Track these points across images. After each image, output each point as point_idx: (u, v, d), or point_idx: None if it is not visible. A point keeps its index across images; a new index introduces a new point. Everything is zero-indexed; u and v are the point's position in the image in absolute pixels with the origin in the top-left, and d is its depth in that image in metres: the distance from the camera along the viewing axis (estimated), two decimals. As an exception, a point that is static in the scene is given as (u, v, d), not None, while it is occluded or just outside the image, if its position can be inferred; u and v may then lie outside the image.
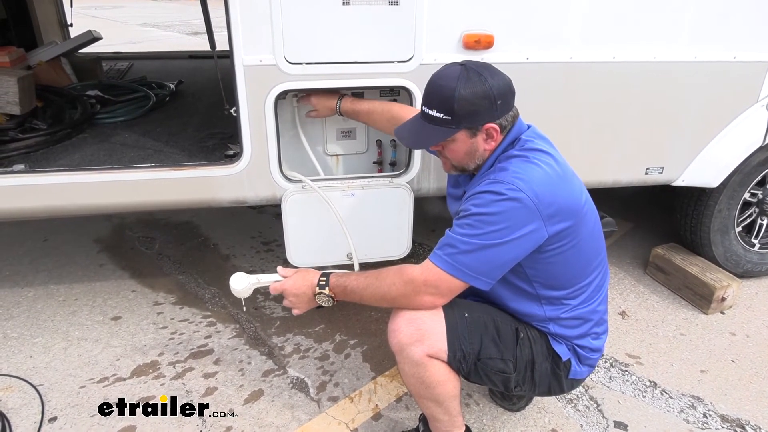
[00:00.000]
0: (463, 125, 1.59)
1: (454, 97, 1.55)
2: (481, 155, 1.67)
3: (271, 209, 3.89)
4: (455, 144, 1.64)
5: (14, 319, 2.72)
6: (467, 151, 1.65)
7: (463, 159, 1.68)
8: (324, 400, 2.28)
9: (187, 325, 2.71)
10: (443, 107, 1.58)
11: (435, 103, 1.60)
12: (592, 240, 1.69)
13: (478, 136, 1.62)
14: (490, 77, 1.56)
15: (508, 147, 1.65)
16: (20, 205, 2.23)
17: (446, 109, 1.57)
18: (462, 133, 1.61)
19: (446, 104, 1.57)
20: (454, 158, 1.70)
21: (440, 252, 1.57)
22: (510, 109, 1.62)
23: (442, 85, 1.58)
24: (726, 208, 2.90)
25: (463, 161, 1.69)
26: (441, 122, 1.60)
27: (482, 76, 1.55)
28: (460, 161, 1.70)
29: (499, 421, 2.19)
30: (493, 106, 1.57)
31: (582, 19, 2.27)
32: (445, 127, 1.60)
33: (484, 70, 1.57)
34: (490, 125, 1.59)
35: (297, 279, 1.78)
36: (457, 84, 1.55)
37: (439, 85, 1.59)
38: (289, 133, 2.35)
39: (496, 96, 1.56)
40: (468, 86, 1.54)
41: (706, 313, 2.87)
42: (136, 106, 3.18)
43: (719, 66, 2.46)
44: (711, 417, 2.23)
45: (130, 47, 9.17)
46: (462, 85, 1.54)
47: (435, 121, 1.61)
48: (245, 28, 2.02)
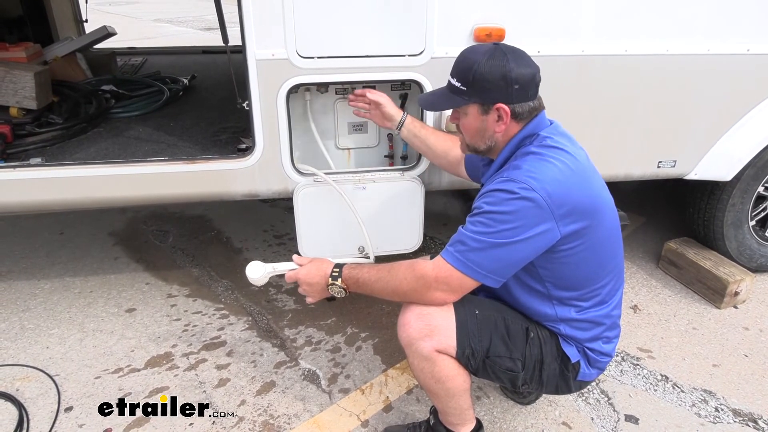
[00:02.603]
0: (475, 98, 1.60)
1: (473, 69, 1.57)
2: (491, 137, 1.66)
3: (283, 203, 3.91)
4: (467, 119, 1.67)
5: (31, 310, 2.76)
6: (478, 128, 1.66)
7: (474, 137, 1.69)
8: (335, 392, 2.30)
9: (200, 317, 2.74)
10: (462, 77, 1.61)
11: (455, 71, 1.64)
12: (609, 242, 1.67)
13: (489, 114, 1.61)
14: (514, 62, 1.56)
15: (524, 141, 1.64)
16: (37, 198, 2.26)
17: (464, 79, 1.60)
18: (474, 107, 1.63)
19: (465, 74, 1.59)
20: (467, 134, 1.71)
21: (452, 249, 1.57)
22: (527, 99, 1.61)
23: (467, 57, 1.61)
24: (739, 202, 2.88)
25: (474, 139, 1.70)
26: (457, 91, 1.63)
27: (507, 58, 1.56)
28: (471, 139, 1.71)
29: (510, 414, 2.20)
30: (509, 89, 1.57)
31: (594, 12, 2.25)
32: (459, 97, 1.63)
33: (512, 53, 1.58)
34: (501, 105, 1.59)
35: (311, 268, 1.80)
36: (480, 58, 1.57)
37: (464, 57, 1.62)
38: (301, 127, 2.37)
39: (513, 79, 1.56)
40: (489, 63, 1.56)
41: (719, 308, 2.85)
42: (150, 100, 3.21)
43: (733, 59, 2.44)
44: (723, 411, 2.22)
45: (144, 43, 9.21)
46: (484, 61, 1.56)
47: (453, 89, 1.65)
48: (257, 23, 2.03)
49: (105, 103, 3.05)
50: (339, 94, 2.33)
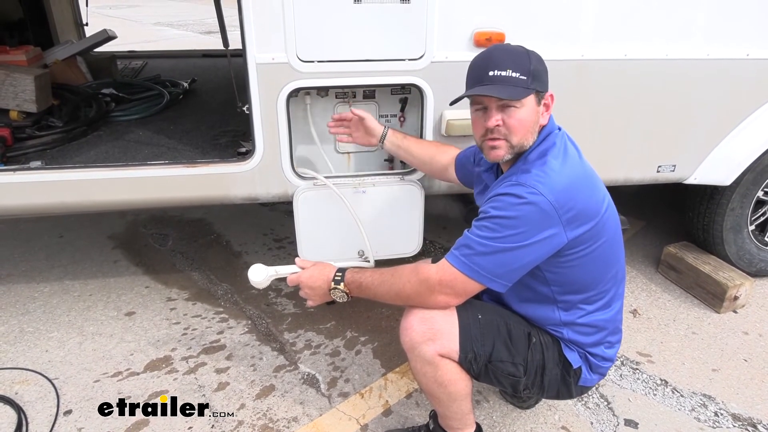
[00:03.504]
0: (534, 86, 1.55)
1: (530, 57, 1.55)
2: (538, 129, 1.62)
3: (282, 207, 3.91)
4: (523, 111, 1.56)
5: (30, 314, 2.76)
6: (534, 121, 1.59)
7: (528, 132, 1.58)
8: (335, 395, 2.29)
9: (199, 320, 2.74)
10: (519, 66, 1.53)
11: (509, 63, 1.53)
12: (612, 246, 1.67)
13: (541, 104, 1.60)
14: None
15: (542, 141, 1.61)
16: (37, 201, 2.26)
17: (522, 69, 1.52)
18: (532, 98, 1.56)
19: (522, 64, 1.53)
20: (520, 131, 1.57)
21: (457, 252, 1.57)
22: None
23: (512, 50, 1.57)
24: (739, 207, 2.88)
25: (526, 135, 1.58)
26: (517, 82, 1.52)
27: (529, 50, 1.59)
28: (524, 134, 1.58)
29: (509, 418, 2.20)
30: (546, 76, 1.61)
31: (594, 17, 2.26)
32: (521, 87, 1.53)
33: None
34: (550, 93, 1.61)
35: (313, 272, 1.79)
36: (524, 50, 1.57)
37: (508, 50, 1.57)
38: (301, 131, 2.37)
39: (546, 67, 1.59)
40: (532, 53, 1.57)
41: (719, 312, 2.85)
42: (151, 104, 3.22)
43: (732, 63, 2.44)
44: (722, 416, 2.22)
45: (144, 46, 9.23)
46: (528, 51, 1.57)
47: (510, 82, 1.53)
48: (258, 27, 2.04)
49: (105, 106, 3.05)
50: (339, 98, 2.34)
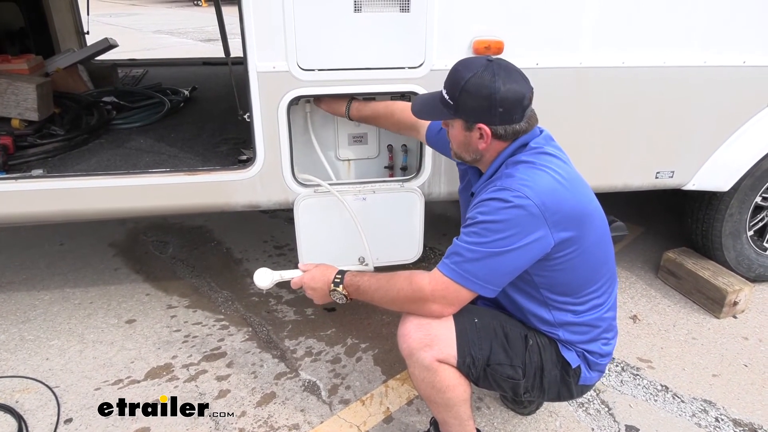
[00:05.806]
0: (459, 114, 1.62)
1: (460, 85, 1.57)
2: (475, 151, 1.67)
3: (283, 214, 3.91)
4: (453, 129, 1.69)
5: (31, 321, 2.76)
6: (462, 141, 1.68)
7: (460, 147, 1.72)
8: (335, 402, 2.30)
9: (200, 328, 2.74)
10: (450, 91, 1.62)
11: (446, 84, 1.64)
12: (600, 247, 1.68)
13: (472, 131, 1.63)
14: (502, 82, 1.53)
15: (516, 151, 1.64)
16: (38, 209, 2.27)
17: (451, 94, 1.61)
18: (459, 121, 1.65)
19: (453, 89, 1.60)
20: (453, 143, 1.74)
21: (447, 261, 1.59)
22: (512, 122, 1.59)
23: (459, 71, 1.60)
24: (737, 212, 2.89)
25: (460, 150, 1.72)
26: (445, 104, 1.64)
27: (495, 78, 1.53)
28: (457, 149, 1.73)
29: (510, 424, 2.20)
30: (492, 111, 1.56)
31: (592, 25, 2.28)
32: (446, 109, 1.65)
33: (503, 72, 1.55)
34: (482, 126, 1.59)
35: (315, 273, 1.82)
36: (470, 76, 1.56)
37: (456, 70, 1.62)
38: (302, 138, 2.38)
39: (498, 102, 1.54)
40: (476, 81, 1.55)
41: (718, 317, 2.85)
42: (152, 112, 3.23)
43: (729, 70, 2.46)
44: (723, 421, 2.22)
45: (144, 54, 9.26)
46: (473, 79, 1.55)
47: (442, 101, 1.65)
48: (259, 35, 2.05)
49: (106, 114, 3.07)
50: (339, 105, 2.35)
